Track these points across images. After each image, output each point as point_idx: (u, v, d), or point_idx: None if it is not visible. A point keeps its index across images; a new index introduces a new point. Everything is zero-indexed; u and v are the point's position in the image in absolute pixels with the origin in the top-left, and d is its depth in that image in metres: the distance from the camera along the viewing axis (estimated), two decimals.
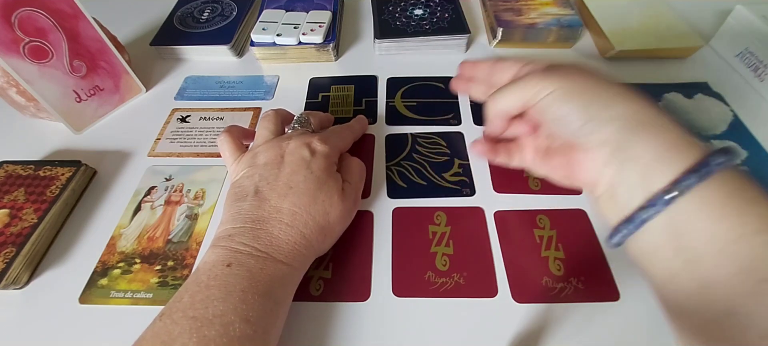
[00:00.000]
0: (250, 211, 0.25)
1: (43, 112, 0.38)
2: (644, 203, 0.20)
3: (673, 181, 0.19)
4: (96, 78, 0.40)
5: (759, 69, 0.40)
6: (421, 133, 0.38)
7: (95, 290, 0.29)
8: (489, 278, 0.28)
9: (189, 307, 0.21)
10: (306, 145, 0.29)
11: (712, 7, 0.50)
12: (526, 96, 0.24)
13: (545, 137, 0.28)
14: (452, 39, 0.45)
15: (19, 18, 0.34)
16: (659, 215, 0.19)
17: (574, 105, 0.22)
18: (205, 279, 0.22)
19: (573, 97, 0.23)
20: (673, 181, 0.19)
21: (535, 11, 0.46)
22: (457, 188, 0.34)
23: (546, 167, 0.28)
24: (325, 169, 0.28)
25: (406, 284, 0.28)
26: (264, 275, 0.23)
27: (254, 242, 0.24)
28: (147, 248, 0.31)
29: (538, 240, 0.30)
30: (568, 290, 0.28)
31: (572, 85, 0.23)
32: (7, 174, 0.33)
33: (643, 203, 0.20)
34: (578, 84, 0.23)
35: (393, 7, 0.49)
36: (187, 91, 0.44)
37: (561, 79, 0.23)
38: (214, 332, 0.20)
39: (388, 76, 0.44)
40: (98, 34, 0.39)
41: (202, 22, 0.49)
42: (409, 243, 0.30)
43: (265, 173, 0.27)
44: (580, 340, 0.26)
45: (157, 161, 0.37)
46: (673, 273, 0.19)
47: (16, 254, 0.28)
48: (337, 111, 0.41)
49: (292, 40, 0.44)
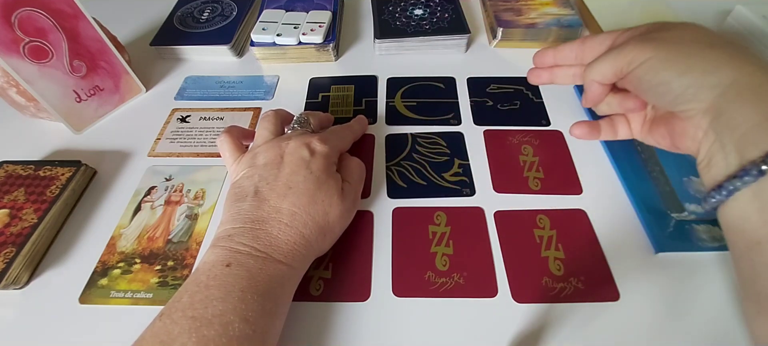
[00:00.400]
0: (250, 211, 0.25)
1: (43, 112, 0.38)
2: (737, 171, 0.20)
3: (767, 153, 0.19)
4: (96, 78, 0.40)
5: None
6: (421, 133, 0.38)
7: (95, 290, 0.29)
8: (489, 278, 0.28)
9: (188, 307, 0.21)
10: (305, 145, 0.29)
11: (712, 7, 0.50)
12: (620, 64, 0.24)
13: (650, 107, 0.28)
14: (452, 39, 0.45)
15: (19, 18, 0.34)
16: (750, 184, 0.19)
17: (670, 73, 0.22)
18: (204, 279, 0.22)
19: (669, 65, 0.22)
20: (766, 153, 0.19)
21: (535, 11, 0.46)
22: (457, 188, 0.34)
23: (651, 138, 0.28)
24: (325, 170, 0.28)
25: (406, 284, 0.28)
26: (263, 275, 0.23)
27: (254, 242, 0.24)
28: (147, 248, 0.31)
29: (538, 240, 0.30)
30: (568, 290, 0.28)
31: (668, 53, 0.22)
32: (7, 174, 0.33)
33: (736, 172, 0.20)
34: (675, 50, 0.22)
35: (393, 7, 0.49)
36: (187, 91, 0.44)
37: (657, 47, 0.22)
38: (214, 331, 0.20)
39: (388, 76, 0.44)
40: (98, 34, 0.39)
41: (202, 22, 0.49)
42: (409, 243, 0.30)
43: (264, 173, 0.27)
44: (580, 340, 0.26)
45: (157, 161, 0.37)
46: (758, 242, 0.19)
47: (16, 254, 0.28)
48: (337, 111, 0.41)
49: (292, 40, 0.44)
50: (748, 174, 0.19)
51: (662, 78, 0.22)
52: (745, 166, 0.19)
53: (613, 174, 0.34)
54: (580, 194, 0.33)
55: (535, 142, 0.37)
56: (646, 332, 0.26)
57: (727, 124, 0.20)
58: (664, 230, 0.29)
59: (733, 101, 0.20)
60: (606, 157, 0.35)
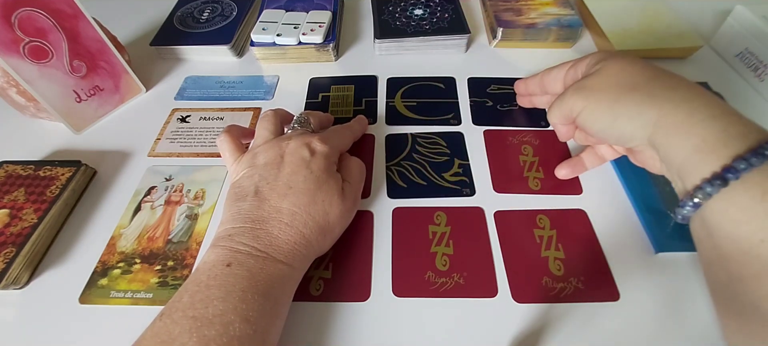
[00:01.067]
0: (250, 211, 0.25)
1: (43, 112, 0.38)
2: (681, 201, 0.21)
3: (695, 187, 0.20)
4: (96, 78, 0.40)
5: (759, 69, 0.40)
6: (421, 133, 0.38)
7: (95, 290, 0.29)
8: (489, 278, 0.28)
9: (189, 307, 0.21)
10: (306, 145, 0.29)
11: (712, 7, 0.50)
12: (565, 113, 0.27)
13: None
14: (452, 39, 0.45)
15: (19, 18, 0.34)
16: (694, 213, 0.21)
17: (602, 122, 0.24)
18: (204, 279, 0.22)
19: (600, 115, 0.24)
20: (695, 187, 0.20)
21: (535, 11, 0.46)
22: (457, 188, 0.34)
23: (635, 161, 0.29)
24: (325, 170, 0.28)
25: (406, 284, 0.28)
26: (264, 275, 0.23)
27: (254, 241, 0.24)
28: (147, 248, 0.31)
29: (538, 240, 0.30)
30: (568, 290, 0.28)
31: (597, 103, 0.24)
32: (7, 174, 0.33)
33: (681, 201, 0.21)
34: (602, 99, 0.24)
35: (393, 7, 0.49)
36: (187, 91, 0.44)
37: (586, 97, 0.24)
38: (214, 331, 0.20)
39: (388, 76, 0.44)
40: (98, 34, 0.39)
41: (202, 22, 0.49)
42: (409, 243, 0.30)
43: (264, 173, 0.27)
44: (580, 340, 0.26)
45: (157, 161, 0.37)
46: (711, 262, 0.21)
47: (16, 254, 0.28)
48: (337, 111, 0.41)
49: (292, 40, 0.44)
50: (686, 205, 0.20)
51: (598, 126, 0.24)
52: (684, 197, 0.21)
53: (613, 174, 0.34)
54: (580, 194, 0.33)
55: (535, 142, 0.37)
56: (646, 332, 0.26)
57: (666, 157, 0.22)
58: (664, 230, 0.29)
59: (663, 138, 0.21)
60: None
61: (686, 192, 0.21)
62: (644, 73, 0.24)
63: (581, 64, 0.28)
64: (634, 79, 0.23)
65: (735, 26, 0.43)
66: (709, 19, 0.49)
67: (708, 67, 0.43)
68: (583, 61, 0.28)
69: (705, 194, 0.19)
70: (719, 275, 0.20)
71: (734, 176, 0.18)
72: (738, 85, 0.41)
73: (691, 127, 0.21)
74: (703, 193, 0.19)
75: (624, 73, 0.24)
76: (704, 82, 0.41)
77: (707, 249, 0.21)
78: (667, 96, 0.22)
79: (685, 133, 0.21)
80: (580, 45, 0.47)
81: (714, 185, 0.19)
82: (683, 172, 0.21)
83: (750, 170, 0.18)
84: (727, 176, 0.19)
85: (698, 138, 0.20)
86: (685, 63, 0.44)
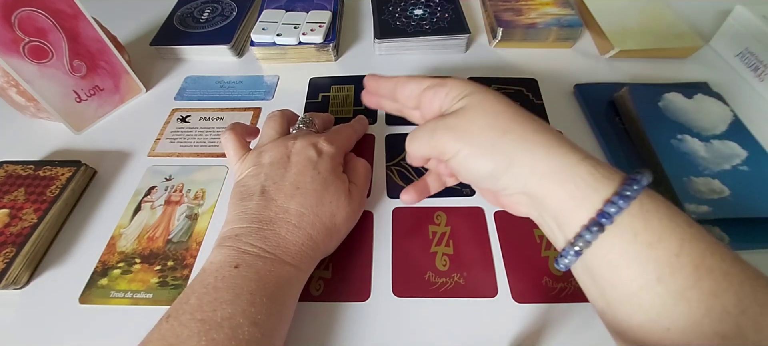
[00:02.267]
0: (257, 211, 0.25)
1: (43, 112, 0.38)
2: (562, 249, 0.21)
3: (576, 235, 0.19)
4: (96, 78, 0.40)
5: (759, 69, 0.40)
6: None
7: (95, 290, 0.29)
8: (489, 278, 0.28)
9: (197, 309, 0.21)
10: (312, 145, 0.28)
11: (712, 7, 0.50)
12: (433, 153, 0.24)
13: None
14: (452, 39, 0.45)
15: (19, 18, 0.34)
16: (576, 261, 0.20)
17: (479, 168, 0.22)
18: (212, 280, 0.22)
19: (476, 160, 0.22)
20: (575, 235, 0.19)
21: (535, 11, 0.46)
22: (457, 188, 0.34)
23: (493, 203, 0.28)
24: (332, 170, 0.28)
25: (406, 284, 0.28)
26: (272, 277, 0.23)
27: (262, 242, 0.24)
28: (147, 248, 0.31)
29: (538, 240, 0.30)
30: (568, 290, 0.28)
31: (473, 148, 0.22)
32: (7, 174, 0.33)
33: (562, 250, 0.21)
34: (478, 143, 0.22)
35: (393, 7, 0.49)
36: (187, 91, 0.44)
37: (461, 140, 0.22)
38: (223, 335, 0.20)
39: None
40: (98, 34, 0.39)
41: (202, 22, 0.49)
42: (409, 243, 0.30)
43: (271, 172, 0.27)
44: (580, 340, 0.26)
45: (157, 161, 0.37)
46: (601, 310, 0.21)
47: (16, 254, 0.28)
48: (337, 111, 0.41)
49: (292, 40, 0.44)
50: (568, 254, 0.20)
51: (474, 173, 0.23)
52: (565, 245, 0.20)
53: None
54: None
55: None
56: None
57: (541, 204, 0.21)
58: None
59: (538, 186, 0.20)
60: (606, 157, 0.35)
61: (566, 241, 0.20)
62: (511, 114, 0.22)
63: (441, 92, 0.25)
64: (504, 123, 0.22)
65: (735, 26, 0.43)
66: (709, 19, 0.49)
67: (708, 67, 0.43)
68: (443, 88, 0.25)
69: (585, 241, 0.19)
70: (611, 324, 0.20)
71: (609, 221, 0.18)
72: (738, 85, 0.41)
73: (564, 173, 0.20)
74: (582, 240, 0.19)
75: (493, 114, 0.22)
76: (704, 82, 0.41)
77: (595, 297, 0.21)
78: (538, 140, 0.21)
79: (560, 180, 0.20)
80: (580, 45, 0.47)
81: (592, 232, 0.18)
82: (560, 219, 0.20)
83: (620, 213, 0.18)
84: (602, 222, 0.18)
85: (572, 184, 0.19)
86: (685, 63, 0.44)
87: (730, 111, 0.37)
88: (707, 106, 0.38)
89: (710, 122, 0.36)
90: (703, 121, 0.37)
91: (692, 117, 0.37)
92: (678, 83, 0.41)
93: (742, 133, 0.35)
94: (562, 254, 0.20)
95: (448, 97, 0.24)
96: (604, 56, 0.45)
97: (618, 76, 0.43)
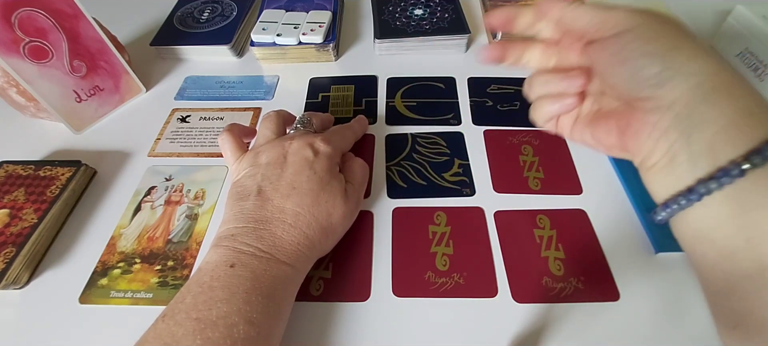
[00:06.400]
0: (253, 211, 0.25)
1: (43, 112, 0.38)
2: (712, 172, 0.17)
3: (751, 150, 0.17)
4: (96, 78, 0.40)
5: (759, 69, 0.40)
6: (421, 133, 0.38)
7: (95, 290, 0.29)
8: (489, 278, 0.28)
9: (192, 308, 0.21)
10: (309, 145, 0.28)
11: (712, 7, 0.50)
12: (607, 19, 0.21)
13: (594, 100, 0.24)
14: (452, 39, 0.45)
15: (19, 18, 0.34)
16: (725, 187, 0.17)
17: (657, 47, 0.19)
18: (208, 280, 0.22)
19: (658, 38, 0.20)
20: (750, 150, 0.17)
21: None
22: (457, 188, 0.34)
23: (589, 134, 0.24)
24: (328, 170, 0.28)
25: (406, 284, 0.28)
26: (268, 276, 0.23)
27: (257, 242, 0.24)
28: (147, 248, 0.31)
29: (538, 240, 0.30)
30: (568, 290, 0.28)
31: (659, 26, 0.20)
32: (7, 174, 0.33)
33: (710, 173, 0.17)
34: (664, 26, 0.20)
35: (393, 7, 0.49)
36: (187, 91, 0.44)
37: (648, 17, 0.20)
38: (219, 333, 0.20)
39: (388, 76, 0.44)
40: (98, 34, 0.39)
41: (202, 22, 0.49)
42: (409, 243, 0.30)
43: (267, 172, 0.27)
44: (580, 340, 0.26)
45: (157, 161, 0.37)
46: (732, 251, 0.18)
47: (16, 254, 0.28)
48: (337, 111, 0.41)
49: (292, 40, 0.44)
50: (727, 175, 0.17)
51: (649, 49, 0.20)
52: (722, 166, 0.17)
53: (613, 174, 0.34)
54: (580, 194, 0.33)
55: (535, 142, 0.37)
56: (646, 332, 0.26)
57: (699, 119, 0.18)
58: (664, 230, 0.29)
59: (707, 95, 0.18)
60: (606, 157, 0.35)
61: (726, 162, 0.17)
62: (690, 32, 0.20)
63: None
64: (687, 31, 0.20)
65: (735, 26, 0.43)
66: (709, 19, 0.48)
67: None
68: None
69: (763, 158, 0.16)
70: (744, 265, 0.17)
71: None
72: None
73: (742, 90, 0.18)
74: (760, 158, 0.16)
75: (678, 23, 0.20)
76: None
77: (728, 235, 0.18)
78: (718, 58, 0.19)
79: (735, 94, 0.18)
80: None
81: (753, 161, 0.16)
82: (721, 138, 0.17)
83: None
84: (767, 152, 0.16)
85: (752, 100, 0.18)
86: None
87: None
88: None
89: None
90: None
91: None
92: None
93: None
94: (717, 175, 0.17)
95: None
96: None
97: None
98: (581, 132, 0.25)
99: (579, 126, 0.25)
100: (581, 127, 0.25)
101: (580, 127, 0.25)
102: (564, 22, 0.23)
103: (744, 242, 0.17)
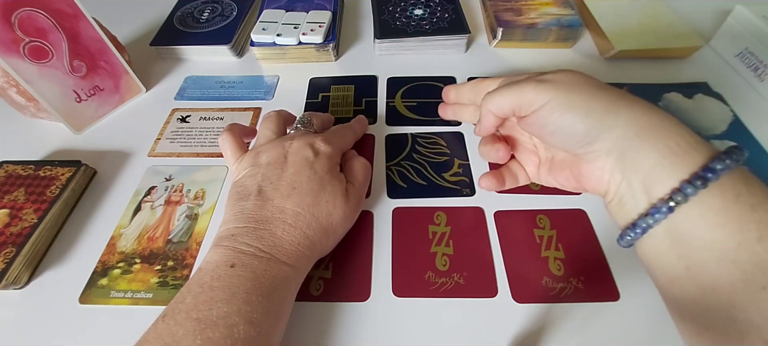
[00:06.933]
0: (253, 211, 0.25)
1: (43, 112, 0.38)
2: (646, 210, 0.20)
3: (673, 189, 0.19)
4: (96, 78, 0.40)
5: (759, 69, 0.40)
6: (421, 133, 0.38)
7: (95, 290, 0.29)
8: (489, 278, 0.28)
9: (192, 308, 0.21)
10: (309, 145, 0.28)
11: (712, 7, 0.50)
12: (520, 101, 0.24)
13: (546, 149, 0.28)
14: (452, 39, 0.45)
15: (19, 18, 0.34)
16: (661, 222, 0.19)
17: (573, 115, 0.22)
18: (208, 280, 0.22)
19: (571, 107, 0.22)
20: (673, 189, 0.19)
21: (535, 11, 0.46)
22: (457, 188, 0.34)
23: (553, 179, 0.28)
24: (329, 170, 0.28)
25: (406, 284, 0.28)
26: (268, 276, 0.23)
27: (258, 242, 0.24)
28: (147, 248, 0.31)
29: (538, 240, 0.30)
30: (568, 290, 0.28)
31: (569, 95, 0.22)
32: (7, 174, 0.33)
33: (646, 210, 0.20)
34: (574, 92, 0.22)
35: (393, 7, 0.49)
36: (187, 91, 0.44)
37: (557, 89, 0.23)
38: (219, 333, 0.20)
39: (388, 76, 0.44)
40: (98, 34, 0.39)
41: (202, 22, 0.49)
42: (409, 243, 0.30)
43: (267, 172, 0.27)
44: (580, 340, 0.26)
45: (157, 161, 0.37)
46: (676, 277, 0.20)
47: (16, 254, 0.28)
48: (337, 111, 0.41)
49: (292, 40, 0.44)
50: (658, 212, 0.19)
51: (566, 120, 0.22)
52: (654, 204, 0.20)
53: None
54: (580, 194, 0.33)
55: None
56: (646, 332, 0.26)
57: (631, 163, 0.20)
58: None
59: (633, 140, 0.20)
60: None
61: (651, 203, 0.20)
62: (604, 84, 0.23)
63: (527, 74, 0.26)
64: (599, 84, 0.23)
65: (735, 26, 0.43)
66: (709, 19, 0.48)
67: (708, 67, 0.43)
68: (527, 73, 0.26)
69: (683, 195, 0.18)
70: (688, 290, 0.19)
71: (714, 177, 0.18)
72: (738, 85, 0.41)
73: (665, 130, 0.20)
74: (681, 195, 0.18)
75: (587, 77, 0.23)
76: (704, 82, 0.41)
77: (672, 264, 0.20)
78: (636, 101, 0.21)
79: (660, 136, 0.20)
80: (580, 45, 0.47)
81: (695, 186, 0.18)
82: (653, 177, 0.20)
83: (726, 171, 0.18)
84: (708, 176, 0.18)
85: (673, 141, 0.20)
86: (685, 63, 0.44)
87: (730, 111, 0.37)
88: (707, 106, 0.38)
89: (710, 122, 0.37)
90: (703, 121, 0.37)
91: (692, 117, 0.37)
92: (678, 83, 0.41)
93: (742, 133, 0.35)
94: (650, 212, 0.19)
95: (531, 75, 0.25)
96: (604, 56, 0.45)
97: (618, 76, 0.43)
98: (546, 177, 0.28)
99: (543, 171, 0.29)
100: (545, 174, 0.28)
101: (545, 172, 0.28)
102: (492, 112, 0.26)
103: (684, 270, 0.19)
